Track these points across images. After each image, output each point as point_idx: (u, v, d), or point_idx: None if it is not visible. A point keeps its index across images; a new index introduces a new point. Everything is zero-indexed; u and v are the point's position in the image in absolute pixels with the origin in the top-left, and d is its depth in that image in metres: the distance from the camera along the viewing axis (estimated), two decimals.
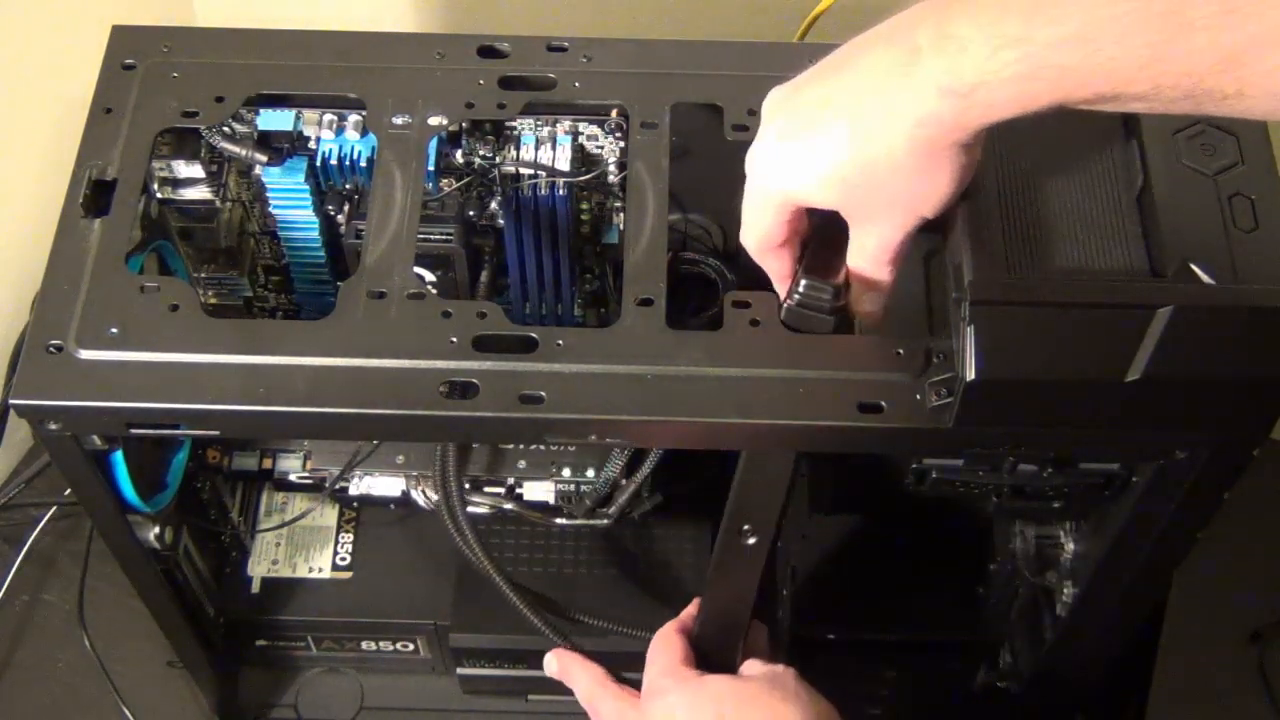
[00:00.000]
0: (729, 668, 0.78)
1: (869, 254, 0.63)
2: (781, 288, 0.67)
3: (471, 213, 0.82)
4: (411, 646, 0.99)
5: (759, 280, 0.70)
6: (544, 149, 0.79)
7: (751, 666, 0.77)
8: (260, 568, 0.98)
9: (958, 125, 0.55)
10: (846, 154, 0.58)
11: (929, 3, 0.55)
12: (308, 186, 0.80)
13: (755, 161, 0.63)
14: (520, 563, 0.97)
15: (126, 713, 1.02)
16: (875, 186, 0.59)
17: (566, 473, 0.92)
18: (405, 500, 0.94)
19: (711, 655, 0.78)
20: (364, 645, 1.00)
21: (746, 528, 0.74)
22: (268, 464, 0.95)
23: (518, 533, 0.97)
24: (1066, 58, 0.51)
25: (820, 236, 0.66)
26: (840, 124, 0.58)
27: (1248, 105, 0.50)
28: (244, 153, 0.78)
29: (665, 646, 0.77)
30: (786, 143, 0.61)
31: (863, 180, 0.59)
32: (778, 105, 0.62)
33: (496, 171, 0.80)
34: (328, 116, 0.79)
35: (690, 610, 0.82)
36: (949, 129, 0.56)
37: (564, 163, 0.79)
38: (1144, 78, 0.50)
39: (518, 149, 0.79)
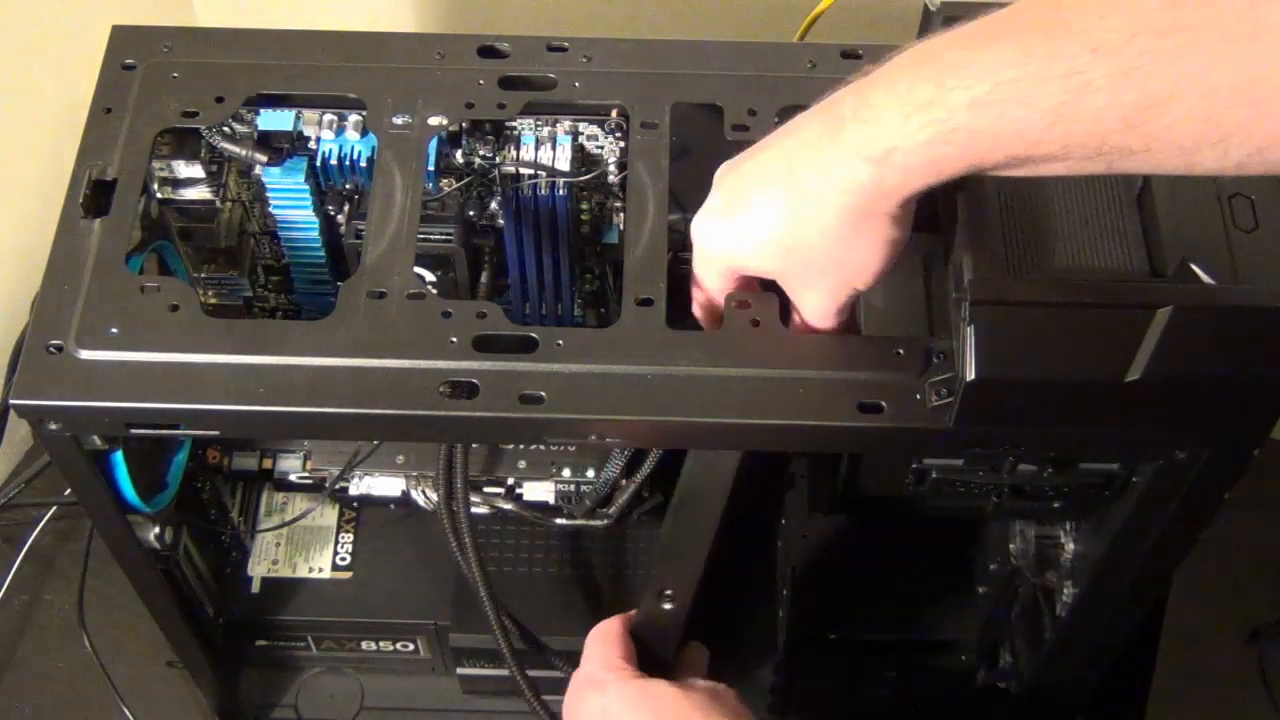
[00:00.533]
0: (664, 674, 0.77)
1: (808, 320, 0.66)
2: (711, 322, 0.70)
3: (471, 213, 0.82)
4: (411, 646, 0.99)
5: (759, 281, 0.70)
6: (544, 149, 0.79)
7: (694, 681, 0.77)
8: (260, 568, 0.98)
9: (879, 192, 0.57)
10: (779, 222, 0.61)
11: (863, 78, 0.57)
12: (308, 186, 0.80)
13: (699, 232, 0.66)
14: (520, 563, 0.97)
15: (126, 713, 1.02)
16: (807, 255, 0.61)
17: (566, 473, 0.92)
18: (405, 500, 0.94)
19: (647, 657, 0.78)
20: (364, 645, 1.00)
21: (669, 592, 0.75)
22: (268, 464, 0.95)
23: (518, 533, 0.97)
24: (974, 120, 0.52)
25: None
26: (773, 193, 0.61)
27: (1157, 161, 0.51)
28: (244, 153, 0.78)
29: (607, 641, 0.76)
30: (726, 212, 0.64)
31: (795, 248, 0.61)
32: (720, 177, 0.65)
33: (496, 171, 0.80)
34: (328, 116, 0.79)
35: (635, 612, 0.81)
36: (871, 196, 0.57)
37: (564, 163, 0.79)
38: (1051, 139, 0.52)
39: (518, 149, 0.79)
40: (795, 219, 0.60)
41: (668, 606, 0.75)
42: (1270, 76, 0.47)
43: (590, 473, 0.91)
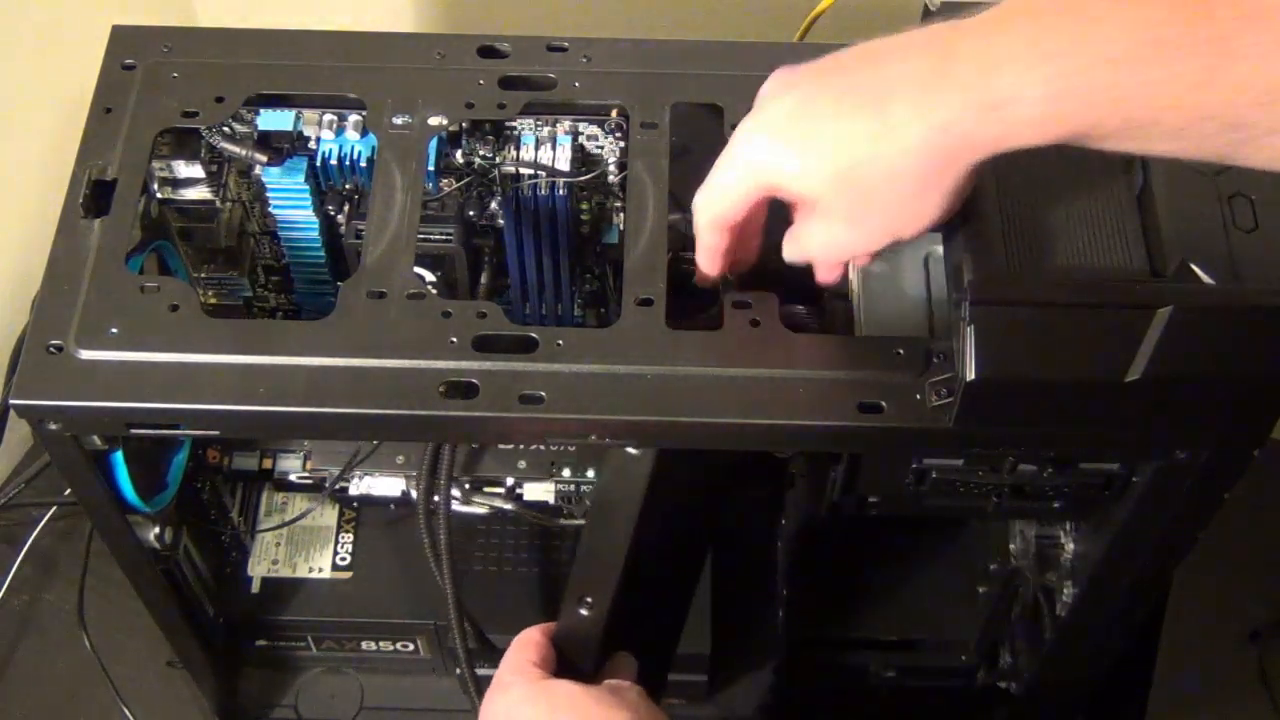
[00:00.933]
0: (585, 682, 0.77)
1: (825, 256, 0.63)
2: (709, 261, 0.67)
3: (471, 213, 0.81)
4: (411, 646, 0.99)
5: (759, 280, 0.70)
6: (544, 149, 0.79)
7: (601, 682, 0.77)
8: (260, 568, 0.98)
9: (974, 142, 0.55)
10: (852, 149, 0.57)
11: (975, 18, 0.55)
12: (308, 186, 0.80)
13: (749, 139, 0.61)
14: (520, 563, 0.97)
15: (126, 713, 1.02)
16: (869, 190, 0.58)
17: (566, 473, 0.92)
18: (405, 500, 0.94)
19: (569, 666, 0.78)
20: (364, 645, 1.00)
21: (587, 599, 0.75)
22: (268, 464, 0.95)
23: (518, 533, 0.97)
24: (1105, 78, 0.51)
25: None
26: (854, 118, 0.57)
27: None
28: (244, 153, 0.78)
29: (523, 646, 0.77)
30: (787, 127, 0.60)
31: (860, 180, 0.58)
32: (780, 88, 0.61)
33: (496, 171, 0.80)
34: (328, 116, 0.79)
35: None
36: (965, 144, 0.55)
37: (564, 163, 0.79)
38: (1184, 105, 0.50)
39: (518, 149, 0.79)
40: (873, 150, 0.57)
41: (585, 613, 0.75)
42: None
43: (590, 473, 0.91)
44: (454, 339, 0.68)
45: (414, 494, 0.93)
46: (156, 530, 0.80)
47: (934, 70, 0.55)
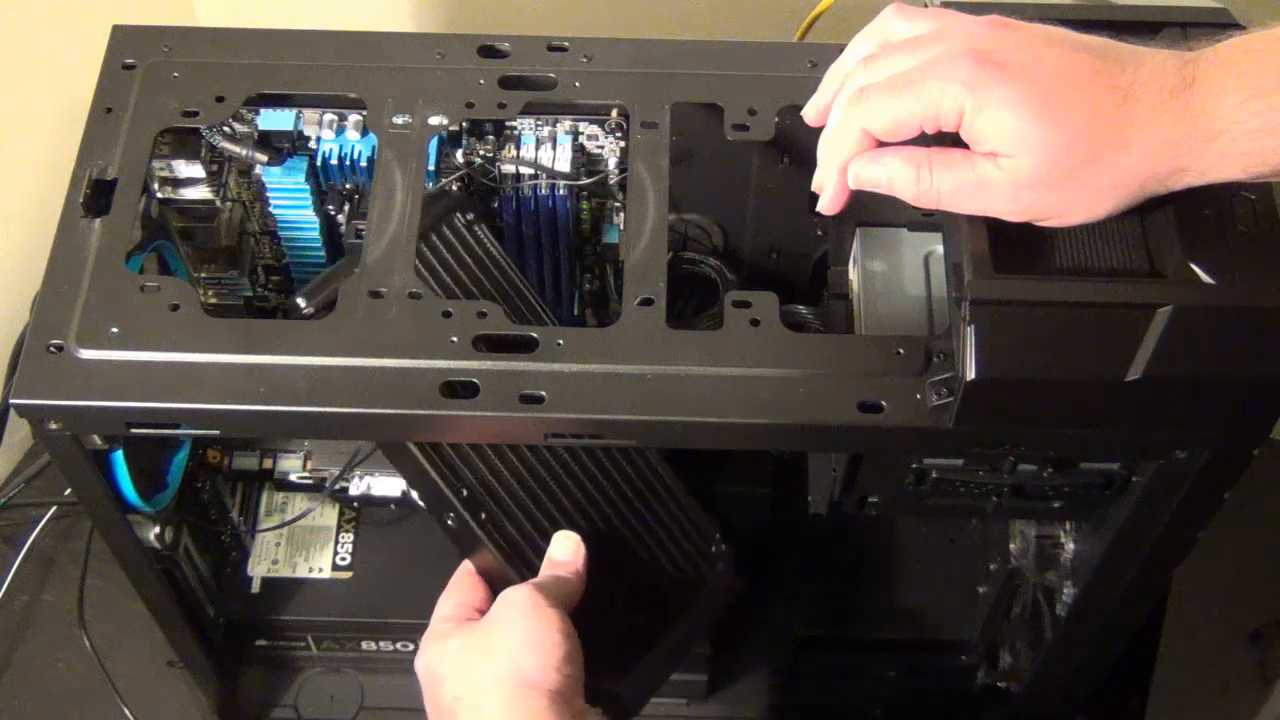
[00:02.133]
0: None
1: (958, 201, 0.60)
2: (837, 194, 0.63)
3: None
4: (411, 646, 0.99)
5: (759, 280, 0.70)
6: (544, 149, 0.79)
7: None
8: (260, 568, 0.98)
9: (1177, 166, 0.56)
10: (1089, 134, 0.56)
11: (1207, 50, 0.56)
12: (308, 186, 0.80)
13: (977, 67, 0.57)
14: None
15: (126, 713, 1.02)
16: (1066, 177, 0.57)
17: None
18: (405, 500, 0.94)
19: (493, 584, 0.78)
20: (364, 645, 1.00)
21: (449, 515, 0.75)
22: (268, 464, 0.95)
23: None
24: None
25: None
26: (1102, 109, 0.56)
27: None
28: (244, 152, 0.78)
29: (445, 598, 0.78)
30: (1021, 78, 0.57)
31: (1070, 164, 0.57)
32: (1023, 42, 0.58)
33: (497, 171, 0.80)
34: (328, 116, 0.79)
35: None
36: (1169, 168, 0.57)
37: (564, 163, 0.79)
38: None
39: (518, 149, 0.79)
40: (1098, 140, 0.56)
41: (453, 525, 0.75)
42: None
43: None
44: (454, 339, 0.68)
45: (414, 494, 0.93)
46: (156, 530, 0.80)
47: (1175, 92, 0.56)
